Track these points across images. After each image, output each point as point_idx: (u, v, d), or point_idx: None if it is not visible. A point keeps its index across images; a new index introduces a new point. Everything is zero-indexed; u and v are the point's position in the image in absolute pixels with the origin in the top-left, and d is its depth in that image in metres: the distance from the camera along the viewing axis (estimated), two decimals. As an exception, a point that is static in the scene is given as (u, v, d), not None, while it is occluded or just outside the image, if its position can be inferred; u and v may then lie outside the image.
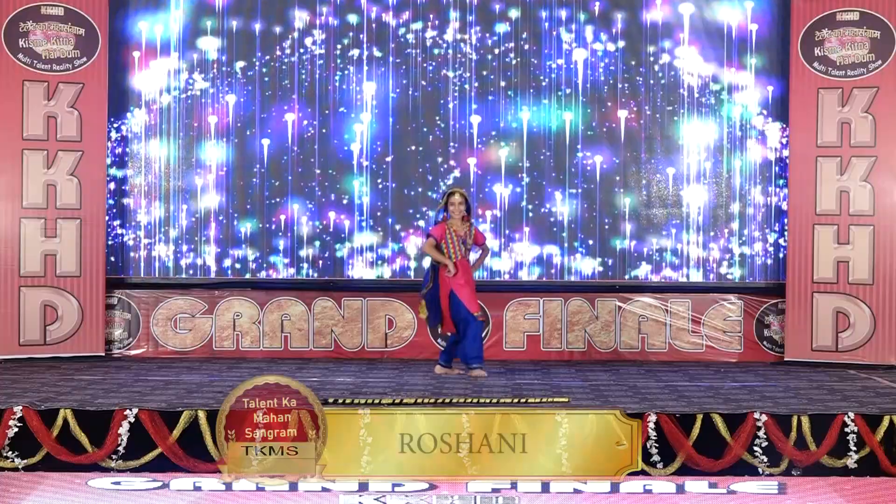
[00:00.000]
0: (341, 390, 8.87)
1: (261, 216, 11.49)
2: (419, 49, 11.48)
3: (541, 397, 8.35)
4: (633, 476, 7.59)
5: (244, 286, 11.49)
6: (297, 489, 7.68)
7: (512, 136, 11.49)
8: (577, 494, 7.71)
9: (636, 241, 11.47)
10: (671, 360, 11.18)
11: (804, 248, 10.90)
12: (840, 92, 10.82)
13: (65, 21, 10.96)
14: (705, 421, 7.64)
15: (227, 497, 7.73)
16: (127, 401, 8.10)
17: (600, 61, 11.46)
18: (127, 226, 11.48)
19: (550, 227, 11.47)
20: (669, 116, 11.46)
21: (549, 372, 10.29)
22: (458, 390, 8.87)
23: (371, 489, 7.72)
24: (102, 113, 11.10)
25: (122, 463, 7.55)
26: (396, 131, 11.49)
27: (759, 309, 11.32)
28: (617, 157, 11.47)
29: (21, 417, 7.59)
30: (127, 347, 11.35)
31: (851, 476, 7.65)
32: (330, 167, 11.50)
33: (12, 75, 10.84)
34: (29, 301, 10.86)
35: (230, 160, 11.51)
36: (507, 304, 11.38)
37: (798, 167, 10.96)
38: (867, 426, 7.61)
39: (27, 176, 10.86)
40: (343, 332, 11.39)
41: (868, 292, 10.75)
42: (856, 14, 10.81)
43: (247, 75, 11.48)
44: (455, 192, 9.83)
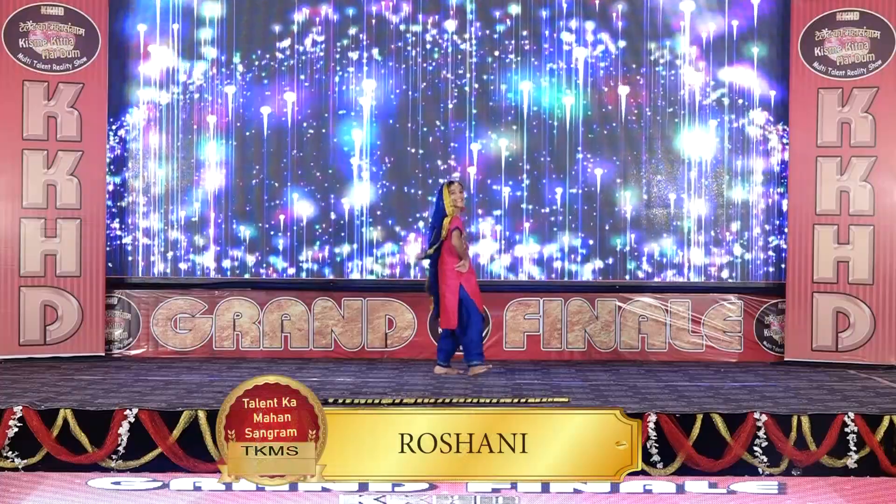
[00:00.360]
0: (341, 390, 8.87)
1: (261, 216, 11.49)
2: (419, 49, 11.47)
3: (541, 397, 8.35)
4: (633, 476, 7.58)
5: (244, 286, 11.49)
6: (297, 489, 7.68)
7: (512, 137, 11.49)
8: (577, 494, 7.71)
9: (636, 242, 11.47)
10: (671, 360, 11.18)
11: (804, 249, 10.90)
12: (840, 92, 10.82)
13: (65, 21, 10.97)
14: (705, 421, 7.63)
15: (227, 497, 7.73)
16: (127, 401, 8.10)
17: (601, 61, 11.46)
18: (127, 226, 11.48)
19: (551, 228, 11.47)
20: (670, 116, 11.45)
21: (549, 372, 10.29)
22: (458, 390, 8.87)
23: (371, 489, 7.72)
24: (102, 113, 11.11)
25: (122, 463, 7.55)
26: (396, 132, 11.48)
27: (759, 309, 11.32)
28: (617, 157, 11.47)
29: (21, 417, 7.59)
30: (127, 347, 11.35)
31: (851, 476, 7.65)
32: (329, 168, 11.50)
33: (12, 75, 10.84)
34: (29, 301, 10.86)
35: (230, 160, 11.51)
36: (507, 304, 11.38)
37: (798, 167, 10.96)
38: (867, 426, 7.60)
39: (27, 176, 10.87)
40: (343, 332, 11.39)
41: (868, 292, 10.74)
42: (856, 14, 10.81)
43: (246, 75, 11.49)
44: (454, 182, 9.94)
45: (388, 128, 11.50)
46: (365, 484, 7.69)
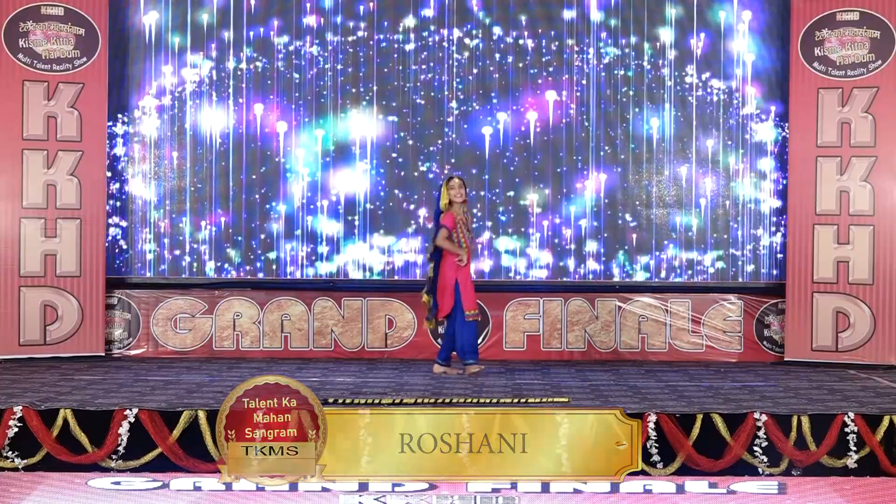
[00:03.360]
0: (341, 390, 8.87)
1: (261, 216, 11.49)
2: (421, 52, 11.48)
3: (541, 397, 8.35)
4: (633, 476, 7.59)
5: (244, 286, 11.49)
6: (297, 489, 7.67)
7: (512, 137, 11.49)
8: (577, 494, 7.71)
9: (637, 241, 11.47)
10: (671, 360, 11.18)
11: (804, 248, 10.90)
12: (840, 92, 10.82)
13: (65, 21, 10.96)
14: (705, 421, 7.64)
15: (227, 497, 7.73)
16: (127, 401, 8.10)
17: (601, 62, 11.46)
18: (127, 226, 11.48)
19: (551, 228, 11.46)
20: (670, 116, 11.45)
21: (549, 372, 10.29)
22: (458, 390, 8.87)
23: (371, 489, 7.72)
24: (102, 113, 11.11)
25: (122, 463, 7.55)
26: (397, 132, 11.48)
27: (759, 309, 11.32)
28: (617, 157, 11.47)
29: (21, 417, 7.59)
30: (127, 347, 11.35)
31: (851, 476, 7.65)
32: (330, 168, 11.49)
33: (12, 75, 10.84)
34: (29, 301, 10.86)
35: (230, 160, 11.50)
36: (507, 304, 11.38)
37: (798, 167, 10.96)
38: (867, 426, 7.61)
39: (27, 176, 10.86)
40: (343, 332, 11.39)
41: (868, 292, 10.74)
42: (856, 14, 10.81)
43: (246, 76, 11.48)
44: (454, 177, 9.88)
45: (388, 127, 11.49)
46: (365, 484, 7.69)
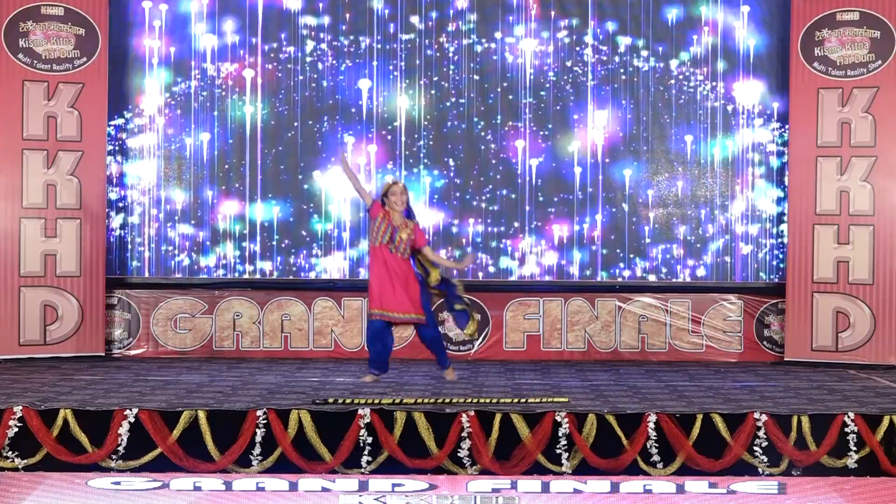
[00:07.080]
0: (341, 390, 8.86)
1: (261, 216, 11.49)
2: (423, 56, 11.48)
3: (541, 397, 8.34)
4: (633, 476, 7.59)
5: (244, 286, 11.49)
6: (297, 489, 7.67)
7: (512, 138, 11.49)
8: (577, 494, 7.71)
9: (637, 241, 11.47)
10: (671, 360, 11.18)
11: (804, 248, 10.90)
12: (840, 92, 10.82)
13: (65, 21, 10.96)
14: (705, 421, 7.63)
15: (227, 497, 7.72)
16: (127, 401, 8.10)
17: (601, 61, 11.46)
18: (127, 226, 11.48)
19: (551, 228, 11.46)
20: (670, 117, 11.45)
21: (549, 372, 10.29)
22: (458, 390, 8.86)
23: (371, 489, 7.72)
24: (102, 113, 11.10)
25: (122, 463, 7.55)
26: (397, 133, 11.49)
27: (759, 309, 11.32)
28: (617, 157, 11.47)
29: (21, 417, 7.59)
30: (127, 347, 11.35)
31: (851, 476, 7.64)
32: (330, 168, 11.49)
33: (12, 75, 10.84)
34: (29, 301, 10.85)
35: (230, 160, 11.51)
36: (507, 304, 11.38)
37: (798, 167, 10.96)
38: (867, 426, 7.60)
39: (27, 176, 10.86)
40: (343, 332, 11.39)
41: (868, 292, 10.74)
42: (856, 14, 10.81)
43: (246, 76, 11.48)
44: (396, 183, 9.31)
45: (389, 128, 11.50)
46: (365, 484, 7.69)
